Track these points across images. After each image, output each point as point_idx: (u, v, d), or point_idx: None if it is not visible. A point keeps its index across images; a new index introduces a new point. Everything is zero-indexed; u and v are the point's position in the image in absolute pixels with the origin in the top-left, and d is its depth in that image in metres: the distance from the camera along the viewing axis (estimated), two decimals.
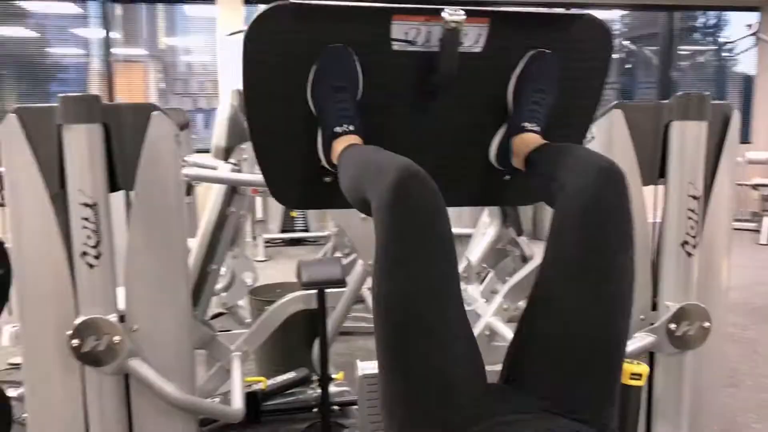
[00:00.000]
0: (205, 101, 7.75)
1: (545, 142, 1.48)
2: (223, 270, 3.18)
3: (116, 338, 1.71)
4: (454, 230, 3.65)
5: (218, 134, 2.57)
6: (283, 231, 6.93)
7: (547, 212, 1.35)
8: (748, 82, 8.06)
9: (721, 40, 6.57)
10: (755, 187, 7.34)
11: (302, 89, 1.46)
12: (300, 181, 1.59)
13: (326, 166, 1.52)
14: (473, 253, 2.79)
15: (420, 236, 1.09)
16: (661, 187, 2.03)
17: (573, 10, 1.61)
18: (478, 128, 1.59)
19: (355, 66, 1.43)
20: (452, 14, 1.39)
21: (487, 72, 1.53)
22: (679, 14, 7.97)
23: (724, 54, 8.19)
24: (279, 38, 1.40)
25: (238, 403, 2.27)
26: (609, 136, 2.01)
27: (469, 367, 1.12)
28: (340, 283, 2.48)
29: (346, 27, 1.41)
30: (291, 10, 1.37)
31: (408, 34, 1.42)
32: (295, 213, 7.02)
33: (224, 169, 2.54)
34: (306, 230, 6.96)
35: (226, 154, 2.55)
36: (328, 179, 1.57)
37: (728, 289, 2.13)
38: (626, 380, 1.52)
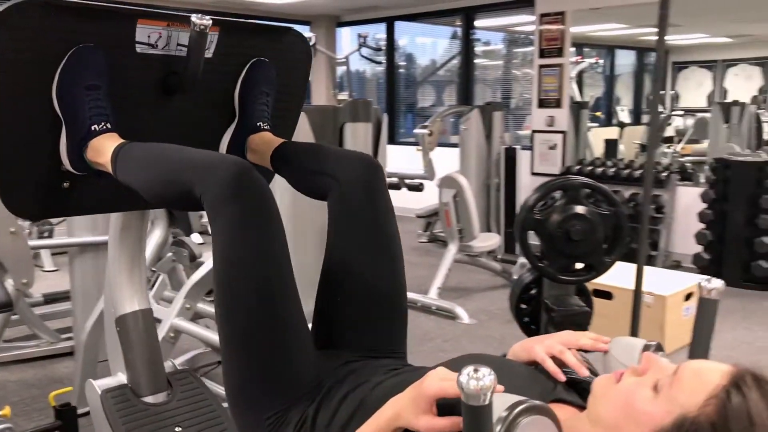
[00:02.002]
0: None
1: (286, 140, 1.66)
2: None
3: None
4: (89, 239, 3.45)
5: None
6: None
7: None
8: None
9: None
10: None
11: (46, 90, 1.39)
12: (38, 189, 1.47)
13: (71, 169, 1.45)
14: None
15: (265, 215, 1.20)
16: None
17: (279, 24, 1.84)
18: (210, 127, 1.70)
19: (104, 65, 1.42)
20: (201, 19, 1.49)
21: (217, 76, 1.66)
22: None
23: None
24: (23, 36, 1.32)
25: None
26: (295, 136, 2.25)
27: (306, 327, 1.26)
28: (7, 306, 2.21)
29: (94, 27, 1.40)
30: (38, 7, 1.31)
31: (151, 37, 1.48)
32: None
33: None
34: None
35: None
36: (66, 184, 1.50)
37: None
38: None
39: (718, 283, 1.16)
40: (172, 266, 3.08)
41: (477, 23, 7.59)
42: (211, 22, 1.50)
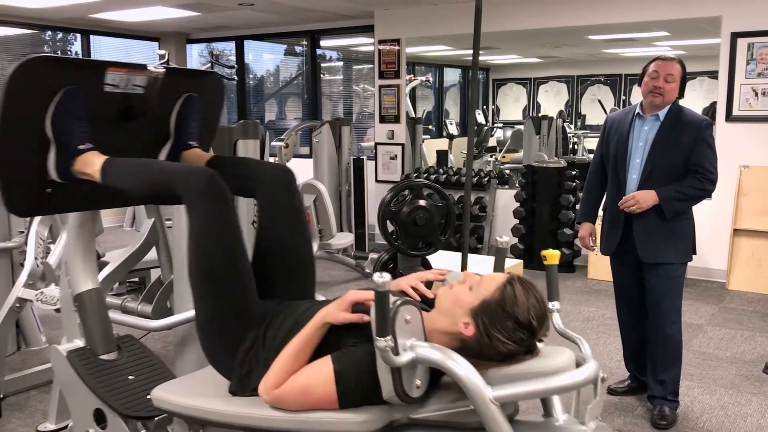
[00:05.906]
0: None
1: (215, 154, 2.22)
2: None
3: None
4: None
5: None
6: None
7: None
8: None
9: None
10: None
11: (41, 119, 1.88)
12: (28, 192, 1.93)
13: (56, 179, 1.92)
14: (52, 257, 3.07)
15: (228, 209, 1.75)
16: None
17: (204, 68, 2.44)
18: (153, 145, 2.24)
19: (84, 101, 1.92)
20: (156, 68, 2.04)
21: (160, 107, 2.20)
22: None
23: None
24: (31, 79, 1.82)
25: None
26: None
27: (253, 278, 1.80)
28: None
29: (77, 74, 1.92)
30: (41, 61, 1.84)
31: (114, 80, 2.01)
32: None
33: None
34: None
35: None
36: (49, 190, 1.97)
37: None
38: None
39: (506, 238, 1.89)
40: None
41: (322, 43, 8.25)
42: (164, 70, 2.08)
